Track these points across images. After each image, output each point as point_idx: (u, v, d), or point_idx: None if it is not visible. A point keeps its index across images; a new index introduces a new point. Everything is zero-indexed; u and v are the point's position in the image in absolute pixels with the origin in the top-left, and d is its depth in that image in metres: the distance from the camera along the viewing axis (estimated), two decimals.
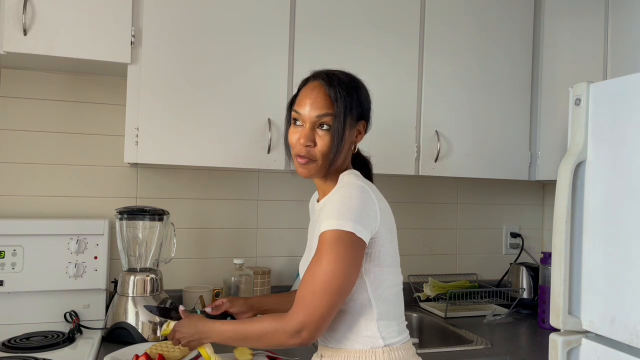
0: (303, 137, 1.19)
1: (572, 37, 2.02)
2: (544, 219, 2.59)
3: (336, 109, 1.18)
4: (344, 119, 1.18)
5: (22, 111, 1.90)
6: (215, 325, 1.22)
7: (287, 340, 1.11)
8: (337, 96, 1.18)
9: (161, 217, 1.79)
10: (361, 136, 1.27)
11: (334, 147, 1.18)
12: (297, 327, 1.09)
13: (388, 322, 1.20)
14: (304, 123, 1.20)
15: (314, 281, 1.10)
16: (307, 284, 1.11)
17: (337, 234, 1.10)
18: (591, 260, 1.32)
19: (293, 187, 2.20)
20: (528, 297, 2.27)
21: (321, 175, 1.24)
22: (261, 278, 2.01)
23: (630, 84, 1.25)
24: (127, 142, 1.68)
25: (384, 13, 1.92)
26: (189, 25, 1.72)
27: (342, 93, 1.19)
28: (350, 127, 1.22)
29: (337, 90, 1.19)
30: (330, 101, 1.19)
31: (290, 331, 1.10)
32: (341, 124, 1.18)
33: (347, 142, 1.22)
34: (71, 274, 1.80)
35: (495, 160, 2.07)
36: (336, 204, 1.14)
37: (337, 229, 1.10)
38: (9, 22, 1.55)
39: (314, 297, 1.09)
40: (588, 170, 1.34)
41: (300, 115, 1.21)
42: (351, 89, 1.22)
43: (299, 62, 1.83)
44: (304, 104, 1.20)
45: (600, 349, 1.27)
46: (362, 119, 1.25)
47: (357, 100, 1.23)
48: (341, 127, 1.18)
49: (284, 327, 1.10)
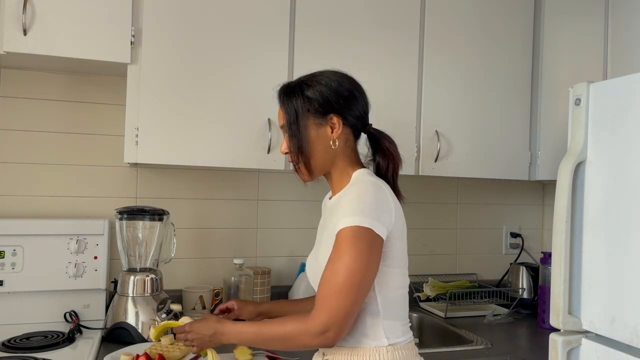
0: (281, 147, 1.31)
1: (572, 37, 2.02)
2: (544, 219, 2.59)
3: (285, 117, 1.27)
4: (293, 121, 1.24)
5: (22, 111, 1.90)
6: (236, 326, 1.21)
7: (312, 342, 1.10)
8: (283, 105, 1.28)
9: (161, 217, 1.79)
10: (337, 130, 1.24)
11: (296, 150, 1.25)
12: (322, 327, 1.09)
13: (393, 322, 1.20)
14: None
15: (335, 280, 1.09)
16: (328, 283, 1.10)
17: (355, 231, 1.10)
18: (591, 260, 1.31)
19: (293, 187, 2.20)
20: (528, 297, 2.27)
21: (314, 177, 1.29)
22: (261, 278, 2.01)
23: (630, 84, 1.25)
24: (127, 142, 1.68)
25: (384, 13, 1.92)
26: (188, 25, 1.72)
27: (284, 99, 1.27)
28: (317, 126, 1.24)
29: (281, 100, 1.28)
30: (282, 112, 1.29)
31: (315, 332, 1.09)
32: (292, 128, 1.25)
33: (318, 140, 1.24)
34: (71, 274, 1.80)
35: (495, 160, 2.07)
36: (352, 200, 1.14)
37: (355, 225, 1.10)
38: (9, 22, 1.55)
39: (336, 296, 1.09)
40: (588, 170, 1.34)
41: None
42: (294, 91, 1.26)
43: (299, 62, 1.82)
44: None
45: (600, 349, 1.27)
46: (329, 113, 1.24)
47: (306, 98, 1.24)
48: (294, 130, 1.24)
49: (309, 329, 1.10)
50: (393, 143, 1.30)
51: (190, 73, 1.72)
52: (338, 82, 1.27)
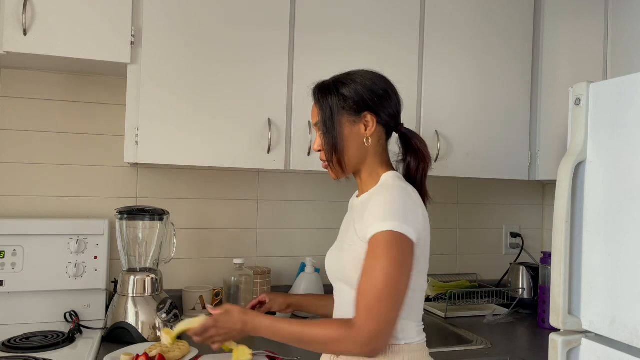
0: (315, 144, 1.33)
1: (572, 37, 2.02)
2: (544, 219, 2.59)
3: (320, 114, 1.28)
4: (329, 118, 1.26)
5: (22, 111, 1.90)
6: (269, 321, 1.17)
7: (357, 350, 1.10)
8: (319, 102, 1.29)
9: (161, 217, 1.79)
10: (371, 128, 1.27)
11: (331, 147, 1.26)
12: (369, 337, 1.09)
13: (409, 323, 1.22)
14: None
15: (376, 288, 1.10)
16: (370, 292, 1.10)
17: (390, 236, 1.11)
18: (591, 260, 1.31)
19: (293, 187, 2.20)
20: (528, 297, 2.27)
21: (347, 173, 1.31)
22: (261, 278, 2.01)
23: (630, 84, 1.25)
24: (127, 142, 1.68)
25: (384, 13, 1.92)
26: (189, 25, 1.72)
27: (319, 96, 1.30)
28: (351, 123, 1.26)
29: (316, 97, 1.30)
30: (317, 109, 1.30)
31: (362, 342, 1.09)
32: (327, 124, 1.27)
33: (352, 138, 1.26)
34: (71, 274, 1.80)
35: (495, 160, 2.07)
36: (383, 205, 1.15)
37: (388, 230, 1.11)
38: (9, 22, 1.55)
39: (379, 305, 1.09)
40: (588, 170, 1.34)
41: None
42: (330, 89, 1.28)
43: (299, 62, 1.83)
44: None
45: (600, 349, 1.27)
46: (364, 111, 1.26)
47: (341, 96, 1.26)
48: (329, 127, 1.26)
49: (355, 338, 1.09)
50: (424, 143, 1.32)
51: (190, 73, 1.72)
52: (373, 80, 1.30)
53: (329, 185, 2.23)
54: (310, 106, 1.83)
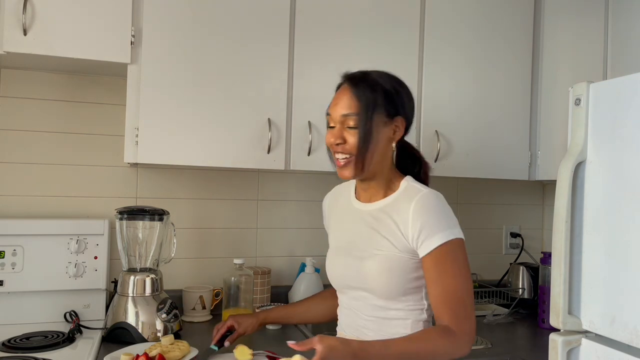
0: (332, 136, 1.25)
1: (572, 37, 2.02)
2: (544, 219, 2.59)
3: (360, 106, 1.23)
4: (370, 115, 1.22)
5: (22, 111, 1.90)
6: (378, 347, 1.12)
7: (464, 352, 1.17)
8: (359, 94, 1.23)
9: (161, 217, 1.79)
10: (399, 133, 1.28)
11: (363, 142, 1.22)
12: (470, 338, 1.18)
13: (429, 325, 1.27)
14: (334, 124, 1.26)
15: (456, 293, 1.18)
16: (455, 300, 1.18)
17: (453, 244, 1.20)
18: (591, 260, 1.31)
19: (293, 187, 2.20)
20: (528, 297, 2.27)
21: (362, 175, 1.27)
22: (261, 278, 2.01)
23: (630, 84, 1.25)
24: (127, 142, 1.68)
25: (384, 13, 1.92)
26: (189, 25, 1.71)
27: (367, 91, 1.24)
28: (383, 124, 1.25)
29: (360, 88, 1.24)
30: (355, 100, 1.24)
31: (465, 344, 1.17)
32: (367, 120, 1.22)
33: (381, 138, 1.25)
34: (71, 274, 1.80)
35: (495, 160, 2.07)
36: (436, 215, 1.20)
37: (450, 239, 1.19)
38: (9, 22, 1.55)
39: (464, 307, 1.18)
40: (588, 170, 1.34)
41: (330, 116, 1.28)
42: (377, 87, 1.25)
43: (299, 62, 1.83)
44: (333, 105, 1.27)
45: (600, 349, 1.27)
46: (397, 116, 1.27)
47: (386, 96, 1.25)
48: (367, 123, 1.22)
49: (460, 342, 1.16)
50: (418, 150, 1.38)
51: (190, 73, 1.72)
52: (406, 86, 1.31)
53: (329, 185, 2.23)
54: (310, 106, 1.83)
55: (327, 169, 1.85)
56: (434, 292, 1.20)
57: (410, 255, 1.23)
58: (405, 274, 1.23)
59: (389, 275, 1.22)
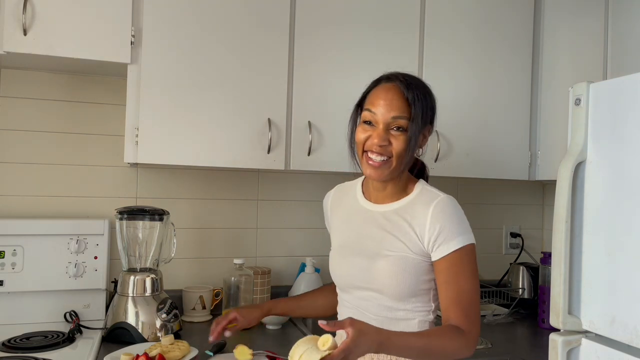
0: (377, 137, 1.21)
1: (572, 37, 2.02)
2: (544, 219, 2.59)
3: (413, 112, 1.20)
4: (421, 122, 1.21)
5: (22, 111, 1.90)
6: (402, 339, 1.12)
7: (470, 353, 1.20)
8: (415, 99, 1.21)
9: (161, 217, 1.79)
10: (426, 140, 1.29)
11: (410, 149, 1.22)
12: (477, 339, 1.21)
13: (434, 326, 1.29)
14: (376, 124, 1.22)
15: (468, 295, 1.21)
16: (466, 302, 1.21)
17: (467, 249, 1.23)
18: (591, 260, 1.31)
19: (293, 187, 2.20)
20: (528, 297, 2.27)
21: (392, 177, 1.26)
22: (261, 278, 2.01)
23: (630, 84, 1.25)
24: (127, 142, 1.68)
25: (384, 13, 1.92)
26: (189, 25, 1.71)
27: (420, 96, 1.22)
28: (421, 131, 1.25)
29: (415, 94, 1.21)
30: (406, 104, 1.21)
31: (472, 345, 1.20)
32: (418, 127, 1.21)
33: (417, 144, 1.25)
34: (71, 274, 1.80)
35: (495, 160, 2.07)
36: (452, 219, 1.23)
37: (465, 244, 1.22)
38: (9, 22, 1.55)
39: (474, 309, 1.22)
40: (588, 170, 1.33)
41: (374, 115, 1.22)
42: (426, 93, 1.26)
43: (299, 62, 1.82)
44: (378, 104, 1.22)
45: (600, 349, 1.27)
46: (429, 123, 1.28)
47: (430, 104, 1.26)
48: (418, 130, 1.21)
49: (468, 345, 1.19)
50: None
51: (190, 73, 1.72)
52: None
53: (329, 186, 2.23)
54: (310, 106, 1.83)
55: (326, 168, 1.85)
56: (446, 293, 1.22)
57: (422, 258, 1.24)
58: (417, 275, 1.24)
59: (401, 277, 1.23)
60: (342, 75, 1.85)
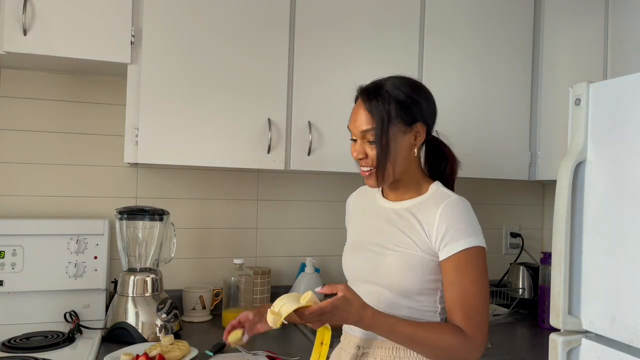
0: (355, 151, 1.28)
1: (572, 37, 2.02)
2: (544, 219, 2.59)
3: (375, 122, 1.23)
4: (385, 129, 1.22)
5: (22, 111, 1.90)
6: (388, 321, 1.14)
7: (474, 357, 1.19)
8: (372, 109, 1.24)
9: (161, 217, 1.79)
10: (420, 138, 1.29)
11: (382, 157, 1.23)
12: (482, 344, 1.19)
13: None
14: (356, 138, 1.28)
15: (475, 300, 1.20)
16: (470, 305, 1.19)
17: (475, 251, 1.22)
18: (591, 260, 1.31)
19: (293, 187, 2.20)
20: (528, 297, 2.27)
21: (386, 183, 1.29)
22: (261, 278, 2.01)
23: (630, 84, 1.25)
24: (127, 142, 1.68)
25: (384, 13, 1.92)
26: (189, 26, 1.71)
27: (379, 105, 1.23)
28: (402, 133, 1.25)
29: (373, 104, 1.24)
30: (369, 116, 1.24)
31: (477, 349, 1.18)
32: (383, 135, 1.23)
33: (401, 147, 1.25)
34: (71, 274, 1.80)
35: (495, 160, 2.07)
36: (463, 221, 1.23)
37: (474, 246, 1.21)
38: (9, 22, 1.55)
39: (480, 313, 1.20)
40: (588, 170, 1.34)
41: (351, 131, 1.29)
42: (390, 99, 1.24)
43: (299, 62, 1.83)
44: (352, 121, 1.29)
45: (600, 349, 1.27)
46: (416, 122, 1.27)
47: (401, 107, 1.24)
48: (384, 137, 1.23)
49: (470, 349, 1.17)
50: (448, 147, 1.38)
51: (190, 73, 1.72)
52: (424, 90, 1.32)
53: (328, 185, 2.23)
54: (310, 106, 1.83)
55: (326, 168, 1.86)
56: (451, 294, 1.21)
57: (430, 257, 1.24)
58: (424, 273, 1.24)
59: (408, 273, 1.23)
60: (343, 75, 1.85)
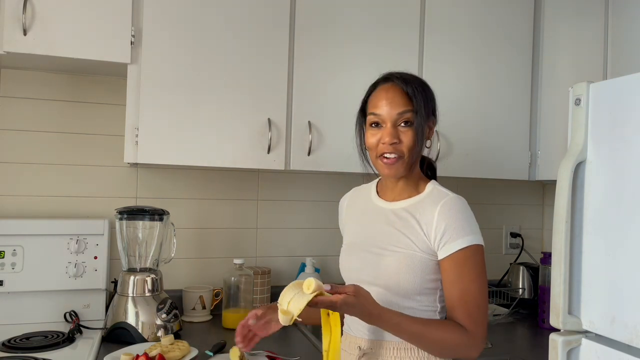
0: (388, 135, 1.23)
1: (572, 37, 2.02)
2: (544, 219, 2.59)
3: (416, 104, 1.23)
4: (424, 113, 1.24)
5: (22, 111, 1.90)
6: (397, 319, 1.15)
7: (475, 354, 1.20)
8: (414, 92, 1.24)
9: (161, 217, 1.79)
10: (432, 132, 1.31)
11: (419, 141, 1.24)
12: (482, 341, 1.20)
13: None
14: (384, 123, 1.25)
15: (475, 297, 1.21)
16: (471, 302, 1.21)
17: (474, 249, 1.22)
18: (591, 260, 1.31)
19: (293, 187, 2.20)
20: (528, 297, 2.27)
21: (406, 173, 1.28)
22: (261, 278, 2.01)
23: (630, 84, 1.25)
24: (126, 142, 1.68)
25: (384, 13, 1.92)
26: (189, 25, 1.72)
27: (419, 89, 1.26)
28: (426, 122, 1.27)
29: (414, 87, 1.25)
30: (407, 98, 1.24)
31: (477, 346, 1.20)
32: (423, 118, 1.24)
33: (423, 139, 1.27)
34: (71, 274, 1.80)
35: (495, 160, 2.07)
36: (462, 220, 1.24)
37: (472, 244, 1.22)
38: (9, 22, 1.55)
39: (480, 311, 1.21)
40: (588, 170, 1.33)
41: (379, 116, 1.25)
42: (424, 86, 1.29)
43: (299, 62, 1.83)
44: (381, 105, 1.25)
45: (600, 349, 1.27)
46: (433, 115, 1.31)
47: (430, 96, 1.29)
48: (423, 121, 1.24)
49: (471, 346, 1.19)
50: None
51: (190, 73, 1.72)
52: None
53: (328, 185, 2.23)
54: (310, 106, 1.83)
55: (326, 168, 1.85)
56: (451, 293, 1.22)
57: (429, 256, 1.24)
58: (424, 273, 1.24)
59: (407, 273, 1.23)
60: (343, 74, 1.85)
